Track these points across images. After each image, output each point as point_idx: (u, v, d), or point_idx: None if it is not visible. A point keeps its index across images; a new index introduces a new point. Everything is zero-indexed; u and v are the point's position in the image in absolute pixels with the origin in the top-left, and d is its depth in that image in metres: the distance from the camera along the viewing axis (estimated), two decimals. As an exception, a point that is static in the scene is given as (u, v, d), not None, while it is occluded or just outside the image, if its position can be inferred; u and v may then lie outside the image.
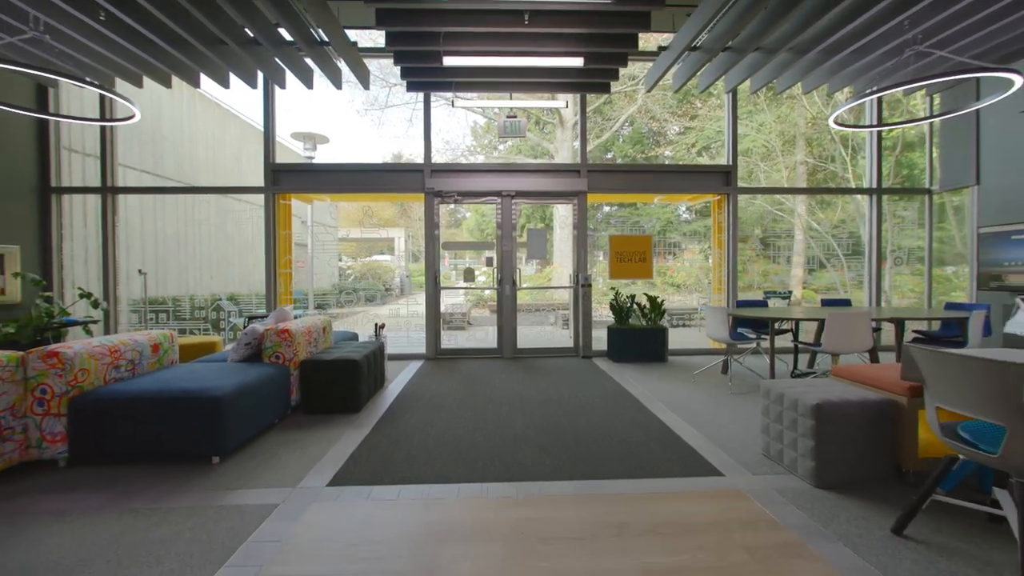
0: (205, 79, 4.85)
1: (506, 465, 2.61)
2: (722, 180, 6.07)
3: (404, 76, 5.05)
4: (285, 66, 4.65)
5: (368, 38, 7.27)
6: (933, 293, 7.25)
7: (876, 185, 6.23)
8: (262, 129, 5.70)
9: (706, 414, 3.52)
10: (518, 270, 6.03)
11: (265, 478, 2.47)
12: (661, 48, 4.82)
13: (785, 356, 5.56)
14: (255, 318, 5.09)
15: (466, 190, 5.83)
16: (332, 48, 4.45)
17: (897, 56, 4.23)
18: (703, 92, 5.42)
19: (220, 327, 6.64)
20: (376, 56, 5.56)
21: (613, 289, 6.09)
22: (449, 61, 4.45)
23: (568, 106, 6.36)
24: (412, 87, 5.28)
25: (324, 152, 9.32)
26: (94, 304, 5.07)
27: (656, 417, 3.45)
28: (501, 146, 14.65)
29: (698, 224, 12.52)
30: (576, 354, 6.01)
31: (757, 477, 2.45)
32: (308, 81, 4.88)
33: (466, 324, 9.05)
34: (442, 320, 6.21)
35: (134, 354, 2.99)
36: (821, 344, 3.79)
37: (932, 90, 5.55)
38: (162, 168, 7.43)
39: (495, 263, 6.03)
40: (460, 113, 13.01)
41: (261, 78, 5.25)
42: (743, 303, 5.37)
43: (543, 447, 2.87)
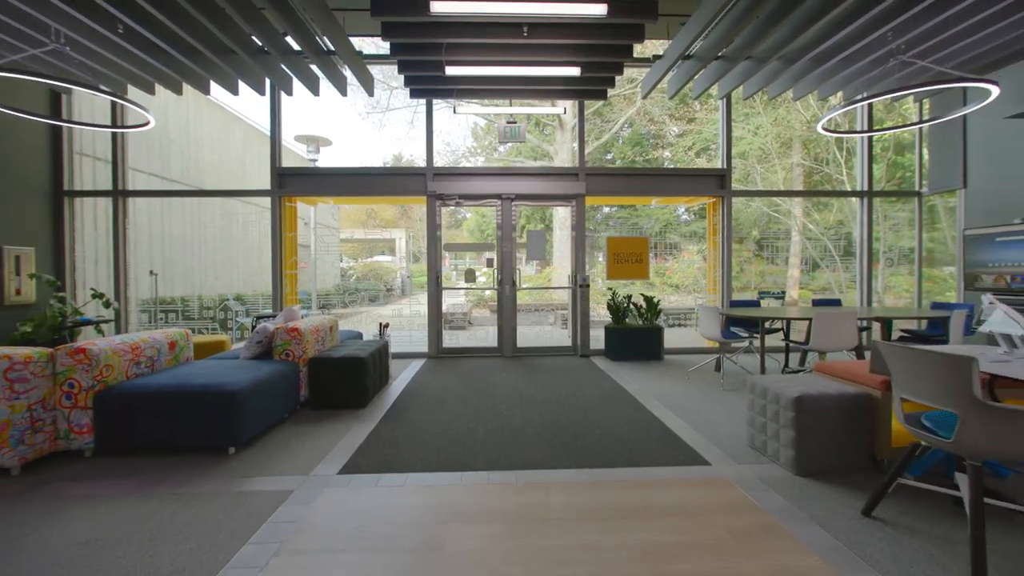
0: (215, 86, 5.01)
1: (506, 455, 2.76)
2: (717, 183, 6.23)
3: (408, 84, 5.21)
4: (292, 74, 4.81)
5: (372, 44, 7.42)
6: (929, 293, 7.40)
7: (867, 188, 6.39)
8: (265, 132, 5.87)
9: (697, 409, 3.68)
10: (518, 271, 6.18)
11: (279, 467, 2.62)
12: (656, 57, 4.98)
13: (778, 355, 5.72)
14: (263, 317, 5.25)
15: (467, 193, 5.99)
16: (338, 57, 4.61)
17: (883, 65, 4.39)
18: (698, 98, 5.57)
19: (228, 326, 6.80)
20: (380, 63, 5.73)
21: (611, 290, 6.25)
22: (451, 71, 4.61)
23: (566, 112, 6.52)
24: (415, 94, 5.44)
25: (326, 154, 9.49)
26: (106, 304, 5.24)
27: (650, 412, 3.60)
28: (501, 148, 14.82)
29: (697, 225, 12.66)
30: (575, 353, 6.16)
31: (742, 466, 2.60)
32: (315, 88, 5.04)
33: (467, 324, 9.20)
34: (444, 320, 6.37)
35: (153, 351, 3.15)
36: (808, 343, 3.94)
37: (919, 97, 5.70)
38: (169, 171, 7.59)
39: (495, 264, 6.18)
40: (461, 115, 13.18)
41: (268, 85, 5.41)
42: (736, 303, 5.53)
43: (541, 440, 3.03)
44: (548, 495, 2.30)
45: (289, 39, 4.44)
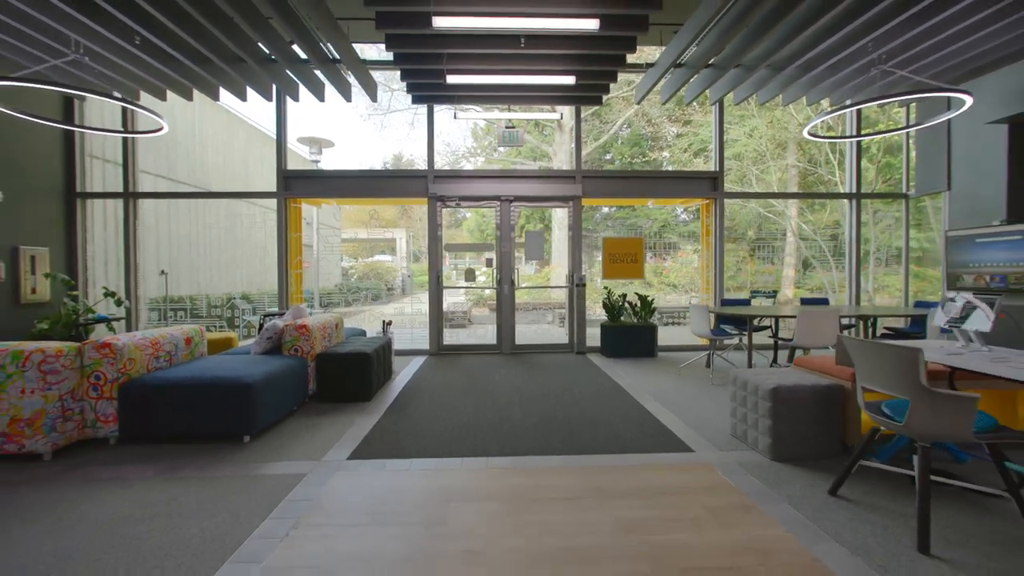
0: (224, 92, 5.19)
1: (505, 444, 2.95)
2: (709, 185, 6.42)
3: (410, 90, 5.39)
4: (298, 80, 4.99)
5: (375, 49, 7.60)
6: (922, 292, 7.59)
7: (855, 190, 6.57)
8: (267, 133, 6.08)
9: (686, 403, 3.87)
10: (516, 271, 6.37)
11: (292, 453, 2.81)
12: (648, 65, 5.16)
13: (768, 351, 5.91)
14: (270, 315, 5.44)
15: (467, 195, 6.17)
16: (342, 64, 4.79)
17: (865, 73, 4.58)
18: (690, 103, 5.76)
19: (235, 324, 6.99)
20: (384, 69, 5.91)
21: (607, 288, 6.43)
22: (452, 79, 4.79)
23: (562, 117, 6.70)
24: (417, 100, 5.63)
25: (328, 155, 9.65)
26: (118, 303, 5.43)
27: (641, 406, 3.79)
28: (501, 148, 14.99)
29: (695, 225, 12.84)
30: (571, 350, 6.35)
31: (723, 453, 2.79)
32: (320, 94, 5.22)
33: (467, 322, 9.39)
34: (444, 318, 6.56)
35: (171, 346, 3.34)
36: (792, 339, 4.13)
37: (903, 103, 5.89)
38: (175, 172, 7.78)
39: (494, 264, 6.37)
40: (461, 113, 13.36)
41: (275, 91, 5.59)
42: (728, 301, 5.72)
43: (538, 431, 3.22)
44: (543, 478, 2.49)
45: (296, 47, 4.62)
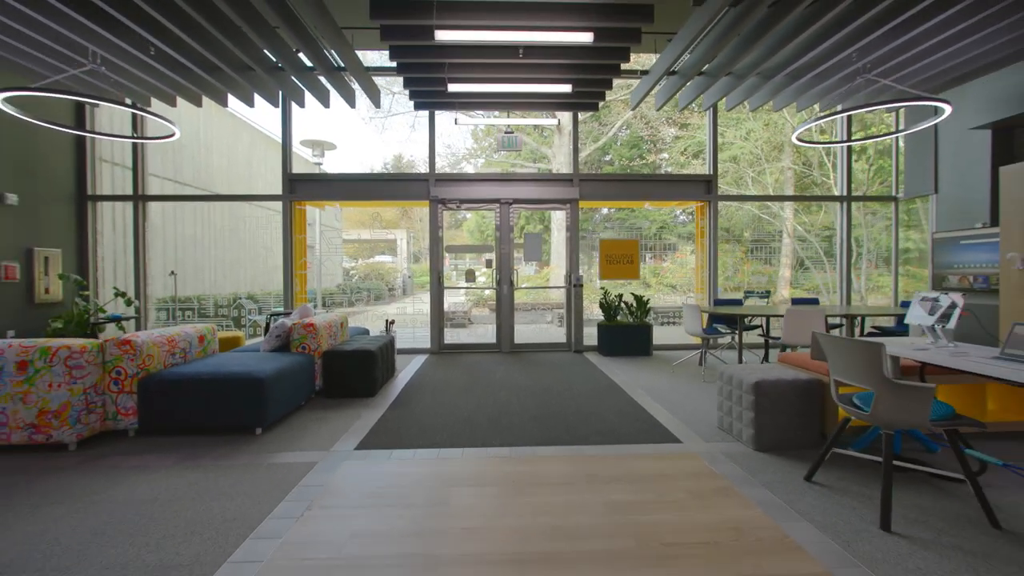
0: (232, 99, 5.36)
1: (503, 436, 3.12)
2: (704, 188, 6.59)
3: (412, 97, 5.56)
4: (304, 87, 5.16)
5: (378, 55, 7.78)
6: (916, 292, 7.72)
7: (846, 193, 6.74)
8: (271, 136, 6.24)
9: (678, 398, 4.03)
10: (515, 271, 6.54)
11: (302, 444, 2.98)
12: (643, 72, 5.33)
13: (760, 350, 6.07)
14: (276, 315, 5.61)
15: (467, 198, 6.34)
16: (347, 72, 4.96)
17: (851, 82, 4.75)
18: (683, 109, 5.93)
19: (241, 323, 7.15)
20: (386, 75, 6.08)
21: (603, 289, 6.60)
22: (453, 87, 4.96)
23: (560, 123, 6.86)
24: (419, 106, 5.80)
25: (330, 156, 9.82)
26: (127, 303, 5.59)
27: (634, 401, 3.96)
28: (501, 152, 15.17)
29: (693, 226, 13.01)
30: (569, 349, 6.52)
31: (709, 444, 2.96)
32: (325, 101, 5.40)
33: (467, 322, 9.56)
34: (445, 318, 6.72)
35: (186, 343, 3.50)
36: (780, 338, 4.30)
37: (890, 110, 6.05)
38: (181, 175, 7.95)
39: (494, 264, 6.54)
40: (462, 118, 13.55)
41: (281, 97, 5.76)
42: (721, 301, 5.88)
43: (536, 424, 3.38)
44: (539, 466, 2.64)
45: (302, 55, 4.79)
